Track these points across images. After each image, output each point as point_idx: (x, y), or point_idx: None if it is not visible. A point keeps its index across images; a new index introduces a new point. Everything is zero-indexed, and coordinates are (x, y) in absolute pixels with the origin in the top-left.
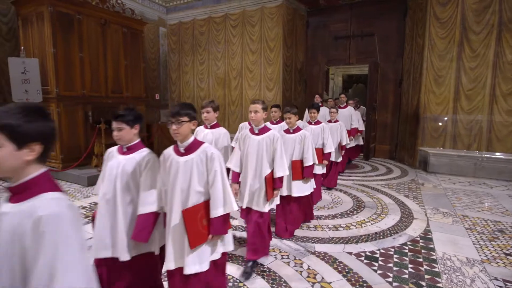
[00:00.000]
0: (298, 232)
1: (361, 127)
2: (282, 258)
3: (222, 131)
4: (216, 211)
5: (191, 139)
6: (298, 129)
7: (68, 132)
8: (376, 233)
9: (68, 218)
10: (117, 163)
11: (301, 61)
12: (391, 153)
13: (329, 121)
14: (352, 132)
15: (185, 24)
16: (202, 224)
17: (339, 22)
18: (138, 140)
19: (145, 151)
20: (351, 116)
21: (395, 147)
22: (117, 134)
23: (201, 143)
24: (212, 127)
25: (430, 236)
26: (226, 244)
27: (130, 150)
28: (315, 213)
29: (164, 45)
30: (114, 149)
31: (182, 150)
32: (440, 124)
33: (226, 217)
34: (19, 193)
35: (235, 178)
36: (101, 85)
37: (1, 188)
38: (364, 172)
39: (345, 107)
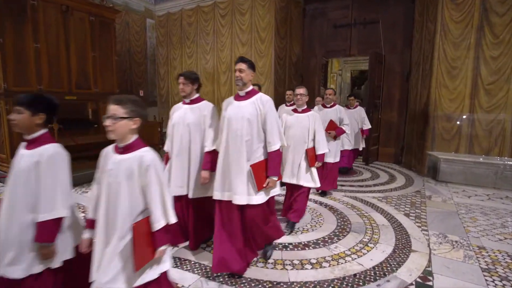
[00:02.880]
0: (248, 272)
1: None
2: None
3: None
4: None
5: None
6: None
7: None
8: (355, 275)
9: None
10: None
11: (296, 53)
12: (396, 157)
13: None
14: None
15: (173, 15)
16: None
17: (339, 8)
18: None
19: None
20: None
21: (401, 151)
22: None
23: None
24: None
25: (430, 283)
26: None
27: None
28: (283, 240)
29: (152, 38)
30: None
31: None
32: (453, 124)
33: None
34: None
35: None
36: (63, 80)
37: None
38: (362, 180)
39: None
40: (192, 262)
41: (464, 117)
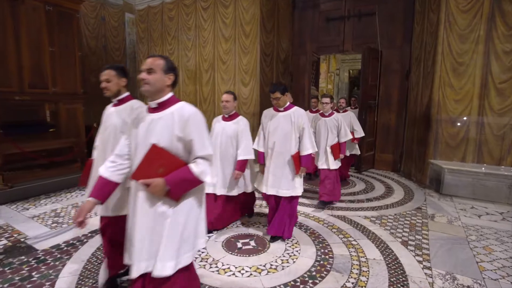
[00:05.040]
0: None
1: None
2: None
3: None
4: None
5: None
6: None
7: None
8: None
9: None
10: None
11: (285, 49)
12: (395, 165)
13: None
14: None
15: (154, 8)
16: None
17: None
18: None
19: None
20: None
21: (400, 157)
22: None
23: None
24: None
25: None
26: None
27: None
28: (241, 285)
29: (131, 34)
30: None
31: None
32: (459, 128)
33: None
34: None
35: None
36: (13, 78)
37: None
38: (353, 192)
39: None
40: None
41: (471, 120)
